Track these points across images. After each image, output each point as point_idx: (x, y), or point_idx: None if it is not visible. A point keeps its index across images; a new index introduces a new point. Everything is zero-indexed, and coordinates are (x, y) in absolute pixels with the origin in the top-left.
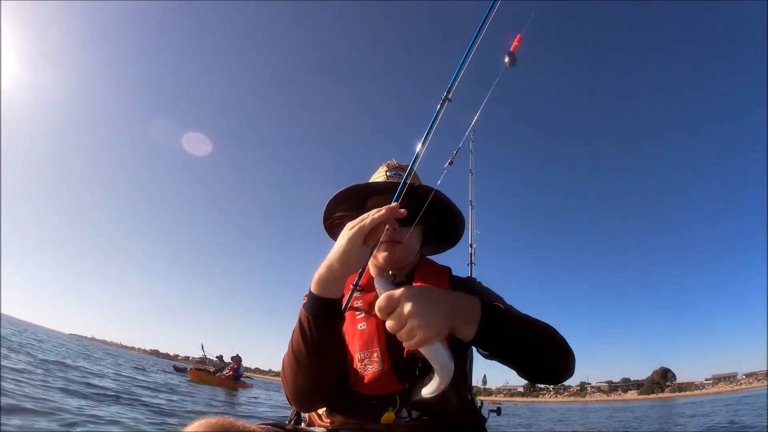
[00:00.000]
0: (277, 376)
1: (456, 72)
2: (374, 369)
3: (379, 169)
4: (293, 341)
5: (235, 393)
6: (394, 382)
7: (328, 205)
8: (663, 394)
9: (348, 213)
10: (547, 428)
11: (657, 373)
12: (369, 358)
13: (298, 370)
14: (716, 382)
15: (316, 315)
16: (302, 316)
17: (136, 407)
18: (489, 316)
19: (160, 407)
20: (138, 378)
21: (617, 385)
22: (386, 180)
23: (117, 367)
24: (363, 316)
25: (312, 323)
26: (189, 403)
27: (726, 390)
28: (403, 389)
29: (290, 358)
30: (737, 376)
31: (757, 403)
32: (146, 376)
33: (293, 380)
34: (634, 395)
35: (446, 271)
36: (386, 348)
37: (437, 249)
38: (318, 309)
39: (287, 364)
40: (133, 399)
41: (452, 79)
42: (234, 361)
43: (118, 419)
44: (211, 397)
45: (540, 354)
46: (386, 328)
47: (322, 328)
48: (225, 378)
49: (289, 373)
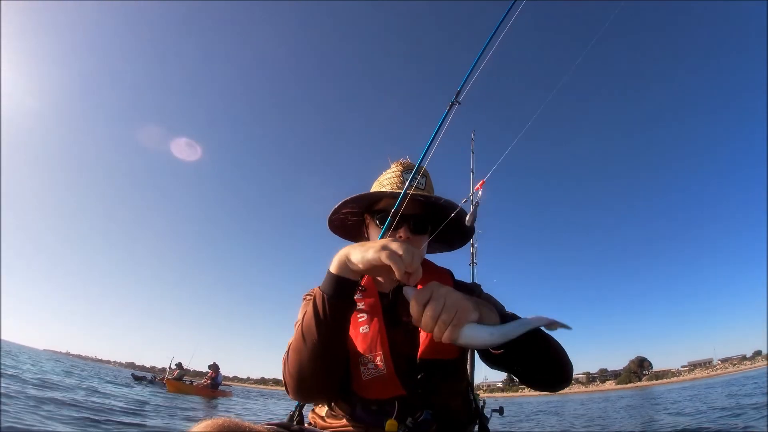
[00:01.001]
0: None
1: (467, 76)
2: (377, 373)
3: (392, 166)
4: (304, 324)
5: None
6: (396, 386)
7: (338, 206)
8: (640, 383)
9: (355, 210)
10: (553, 423)
11: (634, 362)
12: (372, 362)
13: (307, 353)
14: (692, 369)
15: (334, 295)
16: (317, 296)
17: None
18: (507, 316)
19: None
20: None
21: (595, 376)
22: (399, 180)
23: (113, 383)
24: (365, 319)
25: (327, 303)
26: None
27: (702, 376)
28: (406, 394)
29: (299, 341)
30: (713, 362)
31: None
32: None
33: (299, 365)
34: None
35: (448, 274)
36: (390, 351)
37: (434, 248)
38: (336, 288)
39: (294, 349)
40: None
41: (462, 83)
42: (212, 369)
43: None
44: (197, 407)
45: (549, 362)
46: (389, 333)
47: (339, 308)
48: (203, 387)
49: (295, 357)
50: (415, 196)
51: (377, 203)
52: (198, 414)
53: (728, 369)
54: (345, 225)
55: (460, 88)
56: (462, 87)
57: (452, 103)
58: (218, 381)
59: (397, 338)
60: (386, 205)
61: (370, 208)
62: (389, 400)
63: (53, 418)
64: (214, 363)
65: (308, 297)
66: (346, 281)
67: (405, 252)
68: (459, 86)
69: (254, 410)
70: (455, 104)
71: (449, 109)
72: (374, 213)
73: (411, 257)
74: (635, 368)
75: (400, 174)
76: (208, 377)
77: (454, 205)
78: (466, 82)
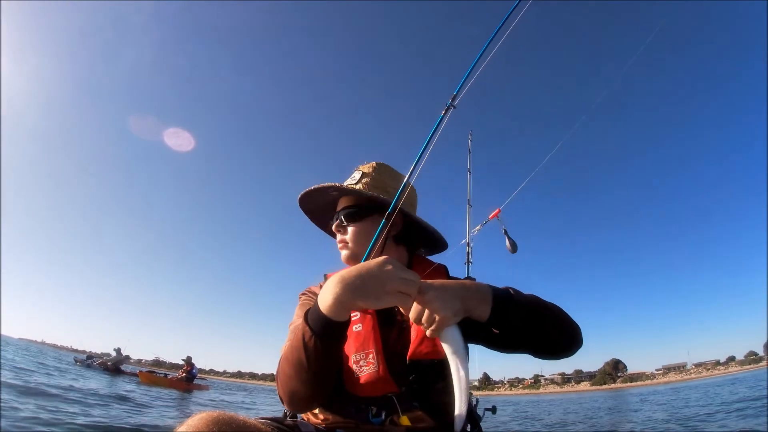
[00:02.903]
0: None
1: (463, 80)
2: (369, 370)
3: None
4: (293, 353)
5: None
6: (389, 383)
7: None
8: (615, 385)
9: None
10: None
11: (609, 364)
12: (364, 360)
13: (297, 380)
14: (666, 372)
15: (324, 336)
16: (306, 334)
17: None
18: (501, 296)
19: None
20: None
21: (570, 377)
22: (371, 180)
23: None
24: (358, 317)
25: (317, 343)
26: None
27: (676, 379)
28: (399, 392)
29: (288, 367)
30: (687, 366)
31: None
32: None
33: (289, 387)
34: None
35: (443, 269)
36: (382, 349)
37: (430, 252)
38: (326, 331)
39: (283, 371)
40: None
41: (458, 87)
42: (186, 362)
43: None
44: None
45: (553, 328)
46: (382, 331)
47: (329, 349)
48: (178, 380)
49: (285, 379)
50: (336, 189)
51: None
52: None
53: (702, 373)
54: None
55: (456, 92)
56: (458, 91)
57: (448, 106)
58: (193, 374)
59: (390, 337)
60: (342, 203)
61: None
62: (381, 398)
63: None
64: (188, 356)
65: (304, 298)
66: (337, 324)
67: (411, 286)
68: (455, 90)
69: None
70: (451, 108)
71: (445, 113)
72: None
73: (415, 286)
74: (610, 370)
75: (371, 168)
76: (183, 370)
77: (381, 199)
78: (462, 86)
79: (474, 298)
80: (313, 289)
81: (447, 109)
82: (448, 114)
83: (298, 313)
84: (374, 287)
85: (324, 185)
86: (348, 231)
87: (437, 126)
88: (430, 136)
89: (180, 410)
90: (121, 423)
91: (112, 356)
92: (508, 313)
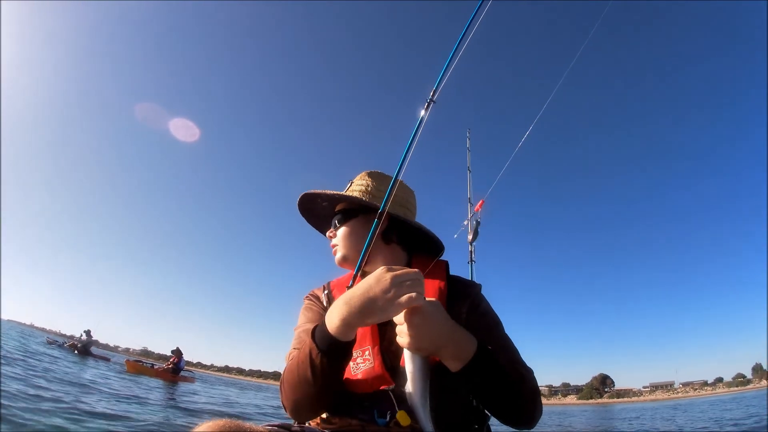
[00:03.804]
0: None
1: (441, 74)
2: (366, 366)
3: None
4: (299, 368)
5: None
6: (385, 379)
7: (301, 211)
8: (601, 400)
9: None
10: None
11: (596, 379)
12: (362, 356)
13: (301, 393)
14: (653, 390)
15: (330, 355)
16: (313, 351)
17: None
18: (477, 364)
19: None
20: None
21: (557, 390)
22: (358, 186)
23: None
24: None
25: (324, 361)
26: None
27: (663, 398)
28: (395, 386)
29: (292, 380)
30: (674, 385)
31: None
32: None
33: (293, 398)
34: (574, 400)
35: (443, 265)
36: (379, 346)
37: (429, 254)
38: (333, 350)
39: (289, 384)
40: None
41: (437, 82)
42: (174, 354)
43: None
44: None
45: (512, 405)
46: (381, 329)
47: (335, 366)
48: (164, 371)
49: (290, 391)
50: (326, 195)
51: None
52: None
53: (689, 393)
54: (314, 211)
55: (435, 87)
56: (437, 86)
57: (428, 102)
58: (180, 366)
59: (387, 333)
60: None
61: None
62: (378, 393)
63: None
64: (177, 348)
65: (308, 302)
66: (344, 344)
67: (415, 282)
68: (435, 85)
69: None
70: (431, 103)
71: (426, 109)
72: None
73: (419, 281)
74: (597, 385)
75: (359, 181)
76: (170, 361)
77: (369, 204)
78: (440, 81)
79: (450, 349)
80: (316, 293)
81: (427, 105)
82: (429, 109)
83: (303, 318)
84: (377, 304)
85: (312, 192)
86: (337, 234)
87: (420, 123)
88: (414, 133)
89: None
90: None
91: (83, 339)
92: (476, 377)
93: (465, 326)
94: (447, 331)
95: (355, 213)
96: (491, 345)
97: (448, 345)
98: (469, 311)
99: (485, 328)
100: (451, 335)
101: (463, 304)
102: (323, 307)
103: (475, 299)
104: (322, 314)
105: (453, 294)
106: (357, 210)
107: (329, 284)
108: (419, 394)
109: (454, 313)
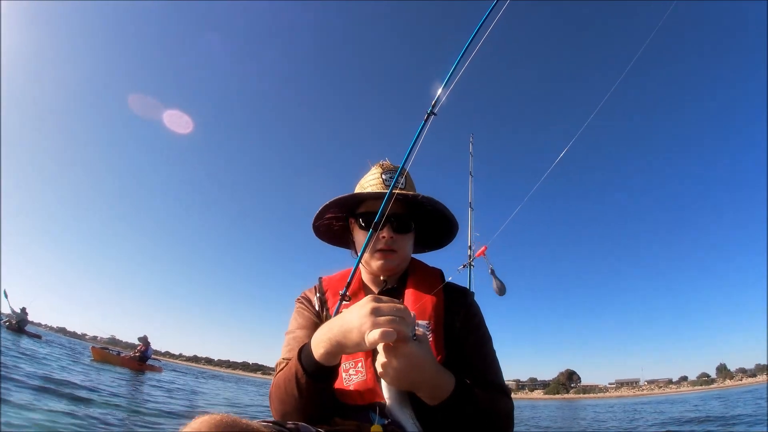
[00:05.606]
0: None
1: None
2: (358, 379)
3: (372, 169)
4: (286, 384)
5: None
6: (377, 393)
7: (320, 210)
8: (568, 395)
9: (338, 214)
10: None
11: (563, 374)
12: (354, 368)
13: (290, 407)
14: (619, 387)
15: (315, 377)
16: (299, 372)
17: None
18: (453, 402)
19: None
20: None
21: (525, 384)
22: (380, 182)
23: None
24: None
25: (309, 382)
26: None
27: (628, 394)
28: (385, 401)
29: (280, 395)
30: (639, 383)
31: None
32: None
33: (282, 411)
34: (540, 395)
35: (438, 274)
36: (372, 358)
37: (423, 249)
38: (317, 373)
39: (277, 397)
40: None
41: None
42: (141, 342)
43: None
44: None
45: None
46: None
47: (321, 389)
48: (130, 359)
49: (278, 405)
50: (395, 195)
51: (360, 206)
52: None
53: (654, 390)
54: (331, 230)
55: (436, 100)
56: (438, 98)
57: (429, 113)
58: (148, 355)
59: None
60: (369, 207)
61: (353, 211)
62: (368, 406)
63: None
64: (144, 336)
65: (299, 305)
66: (330, 369)
67: (393, 319)
68: (435, 97)
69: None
70: (431, 115)
71: (426, 120)
72: (357, 216)
73: (402, 319)
74: (564, 380)
75: (380, 175)
76: (137, 350)
77: (434, 201)
78: (441, 94)
79: (427, 392)
80: (308, 296)
81: (428, 117)
82: (429, 121)
83: (294, 324)
84: (351, 337)
85: (413, 193)
86: (400, 239)
87: (419, 133)
88: (413, 144)
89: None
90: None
91: (16, 314)
92: (449, 412)
93: (457, 336)
94: (427, 377)
95: (413, 220)
96: (477, 361)
97: (426, 387)
98: (462, 323)
99: (474, 344)
100: (431, 379)
101: (458, 316)
102: (315, 312)
103: (469, 311)
104: (313, 319)
105: (447, 304)
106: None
107: (322, 284)
108: (399, 416)
109: (447, 324)
